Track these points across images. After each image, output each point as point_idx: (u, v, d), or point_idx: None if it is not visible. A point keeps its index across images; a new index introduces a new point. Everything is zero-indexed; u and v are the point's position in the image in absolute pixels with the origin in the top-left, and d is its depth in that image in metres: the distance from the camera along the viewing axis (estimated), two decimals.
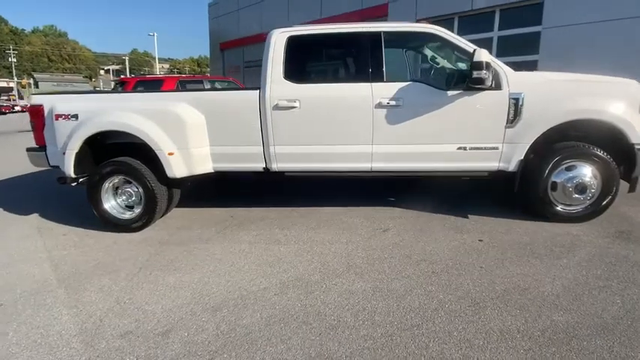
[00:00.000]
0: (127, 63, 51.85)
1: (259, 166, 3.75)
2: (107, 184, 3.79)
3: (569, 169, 3.44)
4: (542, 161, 3.43)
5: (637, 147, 3.33)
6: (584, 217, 3.49)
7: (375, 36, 3.48)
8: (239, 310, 2.43)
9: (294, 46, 3.56)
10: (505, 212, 3.86)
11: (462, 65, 3.51)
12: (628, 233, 3.30)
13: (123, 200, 3.88)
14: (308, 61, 3.66)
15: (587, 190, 3.41)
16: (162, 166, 3.61)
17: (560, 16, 7.30)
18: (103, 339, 2.21)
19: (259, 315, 2.37)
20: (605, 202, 3.44)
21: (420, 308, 2.36)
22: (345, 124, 3.52)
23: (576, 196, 3.42)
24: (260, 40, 15.45)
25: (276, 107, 3.53)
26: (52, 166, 4.03)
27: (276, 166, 3.71)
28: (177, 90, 7.94)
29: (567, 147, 3.43)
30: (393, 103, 3.40)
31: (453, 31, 3.73)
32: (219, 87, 9.33)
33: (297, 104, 3.51)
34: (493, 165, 3.50)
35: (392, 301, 2.45)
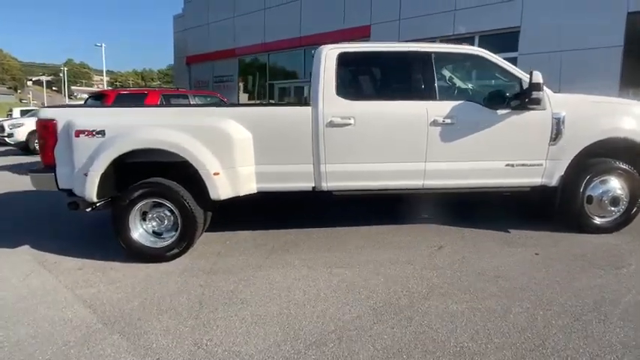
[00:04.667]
0: (64, 74, 47.82)
1: (308, 185, 3.57)
2: (135, 209, 3.37)
3: (602, 183, 3.70)
4: (579, 177, 3.66)
5: None
6: (616, 227, 3.75)
7: (427, 56, 3.54)
8: (347, 343, 2.24)
9: (346, 62, 3.50)
10: (539, 225, 4.03)
11: (507, 86, 3.66)
12: None
13: (152, 226, 3.47)
14: (360, 78, 3.61)
15: (620, 202, 3.68)
16: (205, 187, 3.30)
17: (534, 45, 8.04)
18: None
19: (372, 347, 2.20)
20: (633, 212, 3.73)
21: (530, 327, 2.34)
22: (400, 142, 3.49)
23: (611, 208, 3.68)
24: (232, 55, 15.23)
25: (330, 124, 3.41)
26: (61, 190, 3.51)
27: (326, 185, 3.56)
28: (161, 104, 7.42)
29: (599, 163, 3.70)
30: (448, 121, 3.45)
31: None
32: (200, 102, 8.89)
33: (351, 121, 3.42)
34: (536, 180, 3.66)
35: (498, 321, 2.41)
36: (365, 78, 3.63)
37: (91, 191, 3.26)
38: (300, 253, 3.54)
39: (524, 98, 3.35)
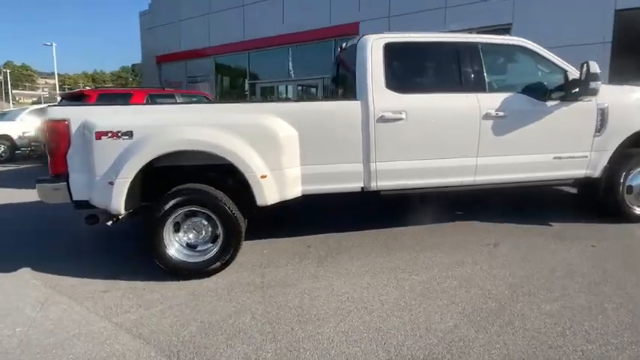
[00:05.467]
0: (7, 77, 43.88)
1: (357, 186, 3.32)
2: (170, 220, 2.96)
3: None
4: (619, 167, 3.67)
5: None
6: None
7: (474, 46, 3.41)
8: (460, 357, 2.02)
9: (393, 53, 3.29)
10: (572, 216, 4.03)
11: (550, 77, 3.60)
12: None
13: (188, 239, 3.08)
14: (409, 69, 3.41)
15: None
16: (251, 191, 2.96)
17: None
18: None
19: (490, 359, 2.00)
20: None
21: (635, 324, 2.24)
22: (453, 137, 3.34)
23: None
24: (207, 54, 14.52)
25: (381, 119, 3.19)
26: (75, 202, 3.03)
27: (375, 185, 3.32)
28: (147, 104, 6.84)
29: (637, 153, 3.74)
30: (500, 114, 3.34)
31: None
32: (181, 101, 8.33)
33: (403, 116, 3.21)
34: (581, 172, 3.64)
35: (601, 319, 2.29)
36: (414, 69, 3.44)
37: (118, 202, 2.82)
38: (353, 260, 3.28)
39: (576, 89, 3.30)
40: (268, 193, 2.99)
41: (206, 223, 3.07)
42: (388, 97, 3.22)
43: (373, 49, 3.27)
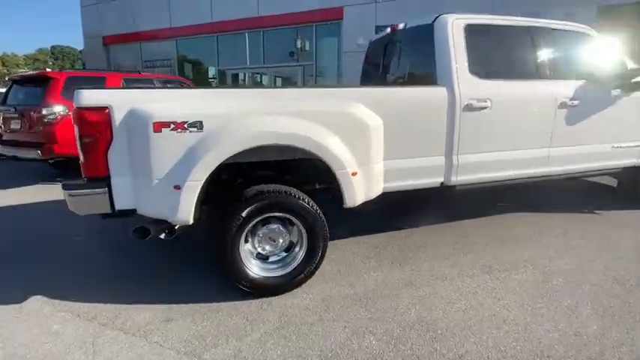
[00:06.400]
0: None
1: (437, 181, 3.05)
2: (246, 231, 2.47)
3: None
4: None
5: None
6: None
7: (547, 32, 3.28)
8: None
9: (474, 36, 3.03)
10: (610, 205, 4.15)
11: (610, 65, 3.57)
12: None
13: (265, 250, 2.61)
14: (490, 53, 3.16)
15: None
16: (339, 191, 2.56)
17: None
18: None
19: None
20: None
21: None
22: (532, 126, 3.20)
23: None
24: (168, 36, 13.11)
25: (467, 108, 2.93)
26: (117, 212, 2.40)
27: (455, 179, 3.08)
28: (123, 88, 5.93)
29: None
30: (575, 102, 3.26)
31: None
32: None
33: (488, 104, 2.99)
34: (632, 161, 3.72)
35: None
36: (494, 54, 3.20)
37: (186, 210, 2.28)
38: (436, 260, 3.02)
39: (637, 77, 3.32)
40: (358, 192, 2.61)
41: (283, 230, 2.62)
42: (473, 83, 2.97)
43: (454, 29, 2.98)
